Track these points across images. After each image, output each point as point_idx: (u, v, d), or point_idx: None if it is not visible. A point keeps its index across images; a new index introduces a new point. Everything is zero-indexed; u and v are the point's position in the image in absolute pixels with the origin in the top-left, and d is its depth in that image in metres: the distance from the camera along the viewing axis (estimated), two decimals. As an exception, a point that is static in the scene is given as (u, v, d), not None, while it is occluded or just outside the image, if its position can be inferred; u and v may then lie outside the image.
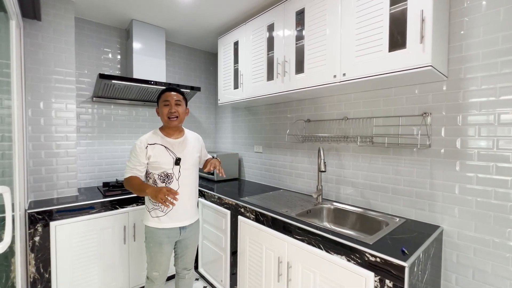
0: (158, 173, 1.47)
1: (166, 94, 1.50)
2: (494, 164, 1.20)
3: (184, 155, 1.52)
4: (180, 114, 1.50)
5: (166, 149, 1.49)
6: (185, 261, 1.64)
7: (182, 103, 1.53)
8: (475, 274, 1.25)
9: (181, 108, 1.52)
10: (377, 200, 1.61)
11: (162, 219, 1.48)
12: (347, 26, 1.41)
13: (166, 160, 1.47)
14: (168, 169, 1.47)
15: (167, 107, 1.48)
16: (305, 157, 2.06)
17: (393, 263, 0.99)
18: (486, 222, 1.22)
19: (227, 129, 3.00)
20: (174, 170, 1.48)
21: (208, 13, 2.17)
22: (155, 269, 1.51)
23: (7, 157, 1.31)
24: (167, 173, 1.47)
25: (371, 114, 1.63)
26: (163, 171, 1.47)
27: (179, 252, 1.61)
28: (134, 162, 1.45)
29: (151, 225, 1.48)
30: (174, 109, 1.48)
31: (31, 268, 1.58)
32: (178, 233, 1.53)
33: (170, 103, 1.48)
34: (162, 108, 1.49)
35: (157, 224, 1.47)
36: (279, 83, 1.81)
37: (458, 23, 1.29)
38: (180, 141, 1.55)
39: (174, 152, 1.50)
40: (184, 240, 1.58)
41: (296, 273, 1.36)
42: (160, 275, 1.53)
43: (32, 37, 1.75)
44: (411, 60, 1.16)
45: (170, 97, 1.49)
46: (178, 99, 1.51)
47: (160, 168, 1.46)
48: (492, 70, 1.20)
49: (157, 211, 1.48)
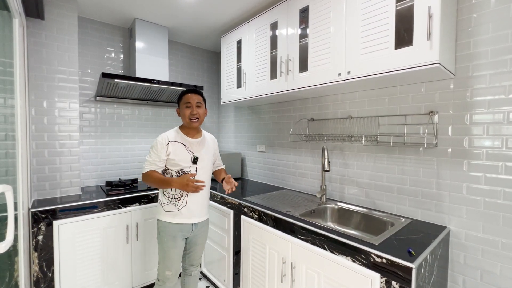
0: (176, 170, 1.50)
1: (188, 96, 1.53)
2: (503, 163, 1.17)
3: (202, 155, 1.56)
4: (200, 115, 1.54)
5: (185, 147, 1.52)
6: (193, 258, 1.65)
7: (202, 105, 1.56)
8: (483, 275, 1.22)
9: (202, 109, 1.55)
10: (382, 200, 1.59)
11: (176, 213, 1.50)
12: (352, 23, 1.39)
13: (185, 158, 1.50)
14: (186, 167, 1.50)
15: (189, 109, 1.51)
16: (309, 157, 2.04)
17: (400, 264, 0.97)
18: (494, 222, 1.20)
19: (230, 128, 2.99)
20: (191, 168, 1.52)
21: (211, 12, 2.16)
22: (168, 268, 1.51)
23: (11, 156, 1.31)
24: (184, 171, 1.50)
25: (376, 113, 1.61)
26: (180, 168, 1.50)
27: (187, 249, 1.63)
28: (154, 157, 1.49)
29: (164, 219, 1.51)
30: (196, 111, 1.51)
31: (34, 267, 1.58)
32: (190, 229, 1.54)
33: (191, 105, 1.51)
34: (184, 109, 1.52)
35: (171, 218, 1.50)
36: (283, 82, 1.79)
37: (466, 20, 1.27)
38: (198, 141, 1.58)
39: (193, 151, 1.53)
40: (194, 237, 1.60)
41: (300, 274, 1.35)
42: (172, 274, 1.52)
43: (35, 36, 1.75)
44: (418, 57, 1.14)
45: (192, 99, 1.52)
46: (199, 101, 1.54)
47: (178, 165, 1.49)
48: (501, 68, 1.17)
49: (171, 206, 1.50)
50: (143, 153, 2.55)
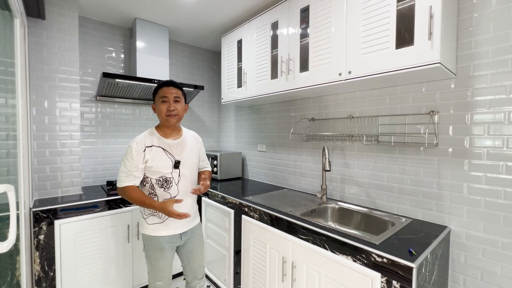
0: (156, 178, 1.34)
1: (164, 90, 1.34)
2: (503, 163, 1.17)
3: (183, 157, 1.40)
4: (179, 111, 1.36)
5: (164, 151, 1.36)
6: (194, 269, 1.51)
7: (181, 100, 1.38)
8: (484, 275, 1.22)
9: (180, 105, 1.38)
10: (383, 200, 1.59)
11: (160, 226, 1.36)
12: (352, 23, 1.39)
13: (165, 163, 1.34)
14: (167, 173, 1.35)
15: (165, 104, 1.34)
16: (309, 156, 2.04)
17: (401, 264, 0.98)
18: (495, 222, 1.20)
19: (230, 128, 2.99)
20: (174, 174, 1.36)
21: (212, 11, 2.15)
22: (158, 279, 1.39)
23: (12, 156, 1.31)
24: (166, 178, 1.35)
25: (376, 112, 1.61)
26: (161, 176, 1.34)
27: (184, 259, 1.50)
28: (129, 167, 1.29)
29: (148, 233, 1.37)
30: (173, 107, 1.34)
31: (36, 267, 1.59)
32: (179, 239, 1.43)
33: (168, 100, 1.34)
34: (160, 105, 1.34)
35: (155, 232, 1.36)
36: (283, 82, 1.79)
37: (467, 19, 1.26)
38: (178, 142, 1.41)
39: (173, 155, 1.37)
40: (187, 244, 1.47)
41: (300, 273, 1.35)
42: (164, 284, 1.41)
43: (36, 36, 1.75)
44: (419, 57, 1.14)
45: (168, 92, 1.34)
46: (177, 95, 1.36)
47: (158, 172, 1.33)
48: (502, 68, 1.17)
49: (154, 218, 1.36)
50: (144, 153, 2.55)
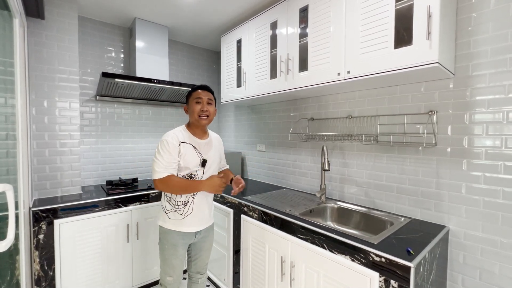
0: (183, 174, 1.39)
1: (199, 92, 1.43)
2: (502, 163, 1.17)
3: (209, 157, 1.46)
4: (211, 113, 1.45)
5: (194, 149, 1.42)
6: (199, 265, 1.57)
7: (212, 103, 1.47)
8: (482, 275, 1.22)
9: (212, 107, 1.46)
10: (382, 200, 1.59)
11: (179, 222, 1.41)
12: (351, 22, 1.39)
13: (194, 160, 1.40)
14: (194, 170, 1.41)
15: (199, 104, 1.41)
16: (309, 156, 2.04)
17: (399, 263, 0.98)
18: (493, 222, 1.20)
19: (230, 127, 3.00)
20: (199, 172, 1.42)
21: (211, 11, 2.16)
22: (169, 274, 1.44)
23: (12, 155, 1.31)
24: (192, 175, 1.41)
25: (375, 112, 1.61)
26: (189, 172, 1.40)
27: (192, 255, 1.55)
28: (168, 159, 1.33)
29: (167, 226, 1.42)
30: (206, 108, 1.41)
31: (35, 266, 1.59)
32: (193, 237, 1.47)
33: (202, 101, 1.41)
34: (193, 105, 1.41)
35: (174, 226, 1.41)
36: (283, 81, 1.80)
37: (466, 19, 1.26)
38: (206, 141, 1.48)
39: (201, 153, 1.44)
40: (199, 243, 1.52)
41: (299, 273, 1.35)
42: (174, 280, 1.45)
43: (36, 36, 1.75)
44: (418, 57, 1.14)
45: (203, 95, 1.42)
46: (210, 98, 1.45)
47: (187, 168, 1.39)
48: (500, 67, 1.17)
49: (176, 213, 1.41)
50: (144, 153, 2.56)
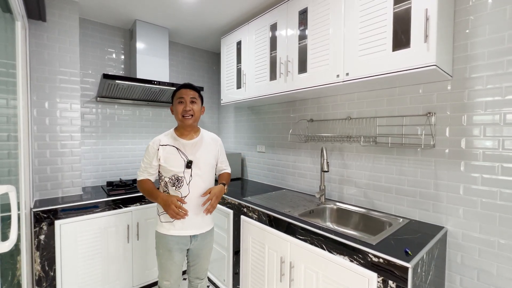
0: (169, 176, 1.38)
1: (181, 91, 1.40)
2: (499, 164, 1.18)
3: (197, 158, 1.41)
4: (195, 112, 1.40)
5: (178, 150, 1.39)
6: (197, 271, 1.53)
7: (197, 101, 1.43)
8: (480, 275, 1.23)
9: (197, 106, 1.42)
10: (381, 201, 1.60)
11: (170, 225, 1.39)
12: (350, 25, 1.40)
13: (176, 162, 1.37)
14: (179, 172, 1.37)
15: (182, 104, 1.38)
16: (308, 157, 2.05)
17: (397, 264, 0.99)
18: (491, 223, 1.21)
19: (230, 128, 3.01)
20: (185, 173, 1.38)
21: (211, 13, 2.17)
22: (166, 278, 1.42)
23: (13, 157, 1.32)
24: (178, 177, 1.37)
25: (374, 114, 1.62)
26: (173, 174, 1.37)
27: (191, 261, 1.52)
28: (145, 163, 1.40)
29: (160, 230, 1.41)
30: (189, 107, 1.38)
31: (36, 266, 1.60)
32: (189, 241, 1.43)
33: (184, 101, 1.38)
34: (176, 106, 1.40)
35: (166, 230, 1.39)
36: (282, 83, 1.81)
37: (463, 22, 1.28)
38: (193, 142, 1.43)
39: (186, 154, 1.40)
40: (196, 249, 1.47)
41: (298, 273, 1.36)
42: (171, 284, 1.44)
43: (37, 38, 1.77)
44: (416, 59, 1.15)
45: (185, 94, 1.39)
46: (193, 96, 1.41)
47: (170, 171, 1.37)
48: (498, 69, 1.18)
49: (166, 216, 1.39)
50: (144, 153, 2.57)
